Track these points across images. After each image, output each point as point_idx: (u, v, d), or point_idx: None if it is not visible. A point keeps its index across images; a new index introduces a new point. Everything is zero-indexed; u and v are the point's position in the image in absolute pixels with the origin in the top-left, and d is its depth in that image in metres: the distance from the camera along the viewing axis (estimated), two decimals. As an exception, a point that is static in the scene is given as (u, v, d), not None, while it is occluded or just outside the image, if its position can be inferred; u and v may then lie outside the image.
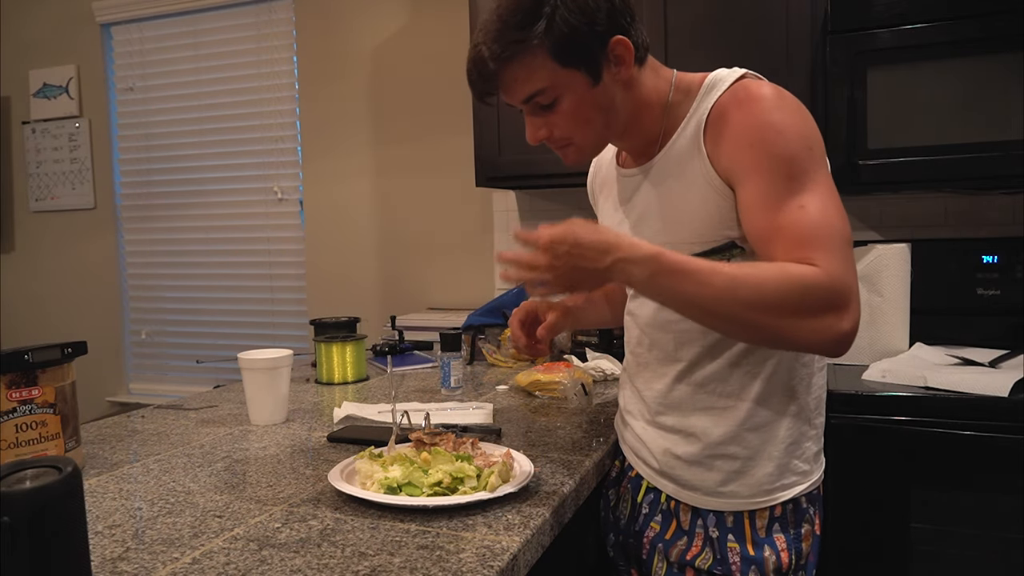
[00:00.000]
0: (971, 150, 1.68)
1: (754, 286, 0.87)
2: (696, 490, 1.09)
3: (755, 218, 0.95)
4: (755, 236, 0.96)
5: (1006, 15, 1.63)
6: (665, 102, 1.06)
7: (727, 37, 1.91)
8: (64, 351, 1.13)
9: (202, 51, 3.02)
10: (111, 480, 1.12)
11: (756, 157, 0.94)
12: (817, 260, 0.88)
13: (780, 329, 0.89)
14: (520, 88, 1.01)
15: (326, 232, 2.88)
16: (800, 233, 0.91)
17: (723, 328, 0.96)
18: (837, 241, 0.91)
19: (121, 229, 3.26)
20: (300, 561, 0.82)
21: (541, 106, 1.02)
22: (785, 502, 1.06)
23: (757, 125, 0.94)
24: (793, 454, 1.06)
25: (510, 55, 0.98)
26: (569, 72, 0.99)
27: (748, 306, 0.88)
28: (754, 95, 0.96)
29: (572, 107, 1.01)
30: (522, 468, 1.05)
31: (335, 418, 1.44)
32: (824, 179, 0.95)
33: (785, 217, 0.92)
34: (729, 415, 1.05)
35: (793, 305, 0.87)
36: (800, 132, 0.95)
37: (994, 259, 1.91)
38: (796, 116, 0.96)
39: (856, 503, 1.58)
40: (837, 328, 0.88)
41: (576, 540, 1.19)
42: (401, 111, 2.72)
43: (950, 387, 1.53)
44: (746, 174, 0.95)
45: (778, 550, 1.06)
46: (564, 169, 2.21)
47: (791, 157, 0.93)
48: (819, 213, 0.92)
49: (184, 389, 3.09)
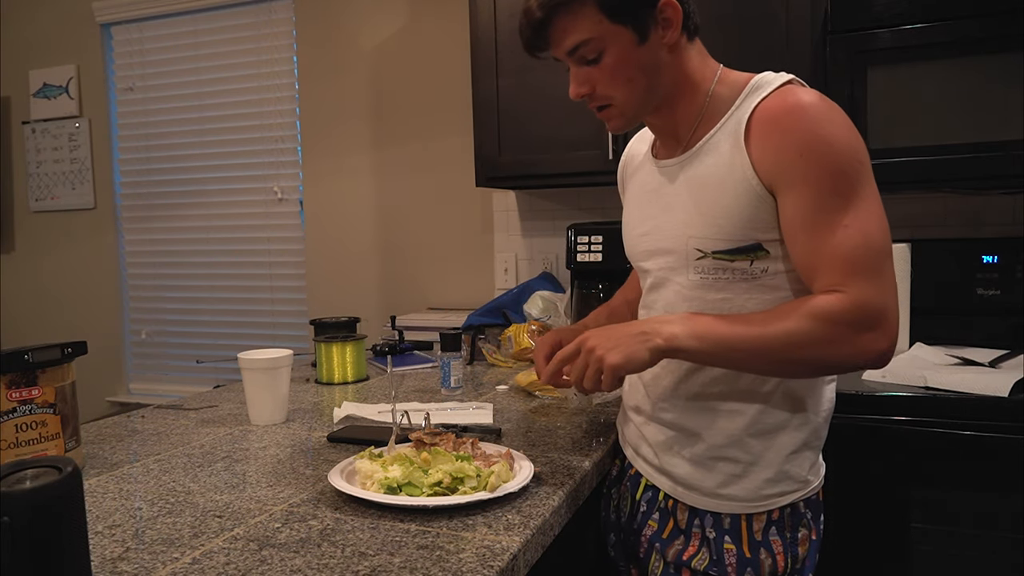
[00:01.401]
0: (971, 150, 1.68)
1: (781, 329, 0.94)
2: (694, 490, 1.09)
3: (798, 234, 0.97)
4: (797, 255, 0.98)
5: (1006, 15, 1.63)
6: (708, 89, 1.06)
7: (727, 37, 1.91)
8: (64, 351, 1.13)
9: (202, 51, 3.02)
10: (111, 480, 1.12)
11: (805, 169, 0.94)
12: (848, 286, 0.93)
13: (816, 362, 0.97)
14: (567, 38, 1.01)
15: (326, 232, 2.88)
16: (838, 258, 0.94)
17: (763, 369, 1.02)
18: (873, 262, 0.94)
19: (121, 229, 3.26)
20: (300, 561, 0.82)
21: (586, 60, 1.02)
22: (783, 507, 1.06)
23: (808, 135, 0.94)
24: (794, 462, 1.06)
25: (561, 3, 0.99)
26: (616, 27, 1.00)
27: (782, 345, 0.94)
28: (804, 103, 0.96)
29: (616, 62, 1.01)
30: (522, 468, 1.05)
31: (335, 418, 1.44)
32: (869, 193, 0.96)
33: (827, 238, 0.94)
34: (735, 418, 1.05)
35: (824, 338, 0.93)
36: (850, 145, 0.95)
37: (994, 259, 1.91)
38: (845, 128, 0.96)
39: (856, 503, 1.58)
40: (873, 347, 0.94)
41: (576, 540, 1.19)
42: (401, 111, 2.72)
43: (950, 387, 1.53)
44: (792, 184, 0.95)
45: (774, 553, 1.06)
46: (564, 169, 2.22)
47: (839, 171, 0.94)
48: (859, 233, 0.94)
49: (184, 389, 3.09)
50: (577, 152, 2.08)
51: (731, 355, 0.97)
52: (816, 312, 0.93)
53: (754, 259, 1.01)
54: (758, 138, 0.98)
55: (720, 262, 1.02)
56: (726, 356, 0.98)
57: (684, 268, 1.06)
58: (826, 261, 0.95)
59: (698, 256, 1.03)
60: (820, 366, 0.99)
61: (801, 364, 0.97)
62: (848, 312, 0.92)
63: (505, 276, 2.57)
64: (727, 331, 0.96)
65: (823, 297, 0.94)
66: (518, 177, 2.20)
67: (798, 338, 0.93)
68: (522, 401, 1.57)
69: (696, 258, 1.04)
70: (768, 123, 0.97)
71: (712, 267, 1.03)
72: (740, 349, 0.96)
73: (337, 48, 2.80)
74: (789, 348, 0.94)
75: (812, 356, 0.95)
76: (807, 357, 0.95)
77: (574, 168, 2.11)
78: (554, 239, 2.50)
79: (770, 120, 0.97)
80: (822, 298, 0.94)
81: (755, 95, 1.00)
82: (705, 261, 1.03)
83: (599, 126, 2.04)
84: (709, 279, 1.04)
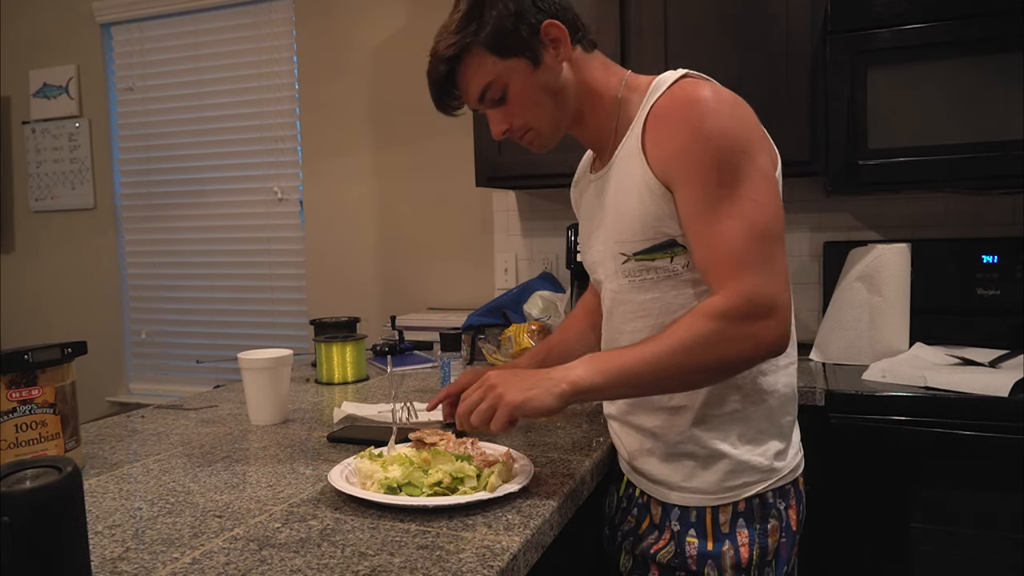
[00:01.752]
0: (971, 150, 1.68)
1: (674, 339, 0.95)
2: (663, 485, 1.11)
3: (690, 229, 0.99)
4: (692, 250, 1.00)
5: (1006, 15, 1.63)
6: (616, 95, 1.09)
7: (727, 37, 1.91)
8: (64, 351, 1.13)
9: (202, 51, 3.02)
10: (111, 480, 1.12)
11: (687, 164, 0.97)
12: (735, 280, 0.94)
13: (716, 363, 0.96)
14: (472, 88, 1.07)
15: (326, 232, 2.88)
16: (724, 252, 0.96)
17: (673, 385, 1.02)
18: (758, 251, 0.95)
19: (121, 229, 3.26)
20: (300, 561, 0.82)
21: (495, 100, 1.08)
22: (749, 497, 1.07)
23: (690, 130, 0.97)
24: (753, 451, 1.06)
25: (455, 58, 1.05)
26: (509, 62, 1.05)
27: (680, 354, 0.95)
28: (690, 97, 0.98)
29: (519, 93, 1.06)
30: (522, 468, 1.05)
31: (335, 418, 1.44)
32: (756, 180, 0.97)
33: (714, 232, 0.96)
34: (682, 415, 1.07)
35: (718, 337, 0.94)
36: (731, 135, 0.97)
37: (994, 259, 1.91)
38: (729, 119, 0.97)
39: (856, 503, 1.58)
40: (768, 336, 0.95)
41: (576, 540, 1.19)
42: (401, 111, 2.72)
43: (950, 387, 1.53)
44: (680, 179, 0.98)
45: (738, 545, 1.06)
46: (564, 169, 2.21)
47: (721, 162, 0.96)
48: (743, 224, 0.95)
49: (184, 389, 3.09)
50: (577, 152, 2.08)
51: (637, 380, 0.97)
52: (705, 314, 0.94)
53: (673, 255, 1.03)
54: (650, 136, 1.01)
55: (642, 263, 1.05)
56: (632, 382, 0.98)
57: (615, 274, 1.10)
58: (715, 255, 0.97)
59: (623, 260, 1.07)
60: (722, 367, 0.98)
61: (704, 370, 0.97)
62: (736, 307, 0.93)
63: (505, 276, 2.57)
64: (626, 358, 0.97)
65: (711, 299, 0.96)
66: (518, 177, 2.20)
67: (693, 343, 0.94)
68: (522, 401, 1.57)
69: (621, 262, 1.07)
70: (656, 122, 1.01)
71: (636, 269, 1.06)
72: (642, 372, 0.96)
73: (337, 48, 2.79)
74: (688, 355, 0.94)
75: (712, 358, 0.95)
76: (707, 361, 0.95)
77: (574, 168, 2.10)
78: (554, 239, 2.50)
79: (657, 119, 1.01)
80: (710, 300, 0.96)
81: (654, 95, 1.03)
82: (629, 264, 1.06)
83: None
84: (636, 281, 1.07)
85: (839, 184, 1.78)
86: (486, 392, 0.98)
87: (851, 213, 2.13)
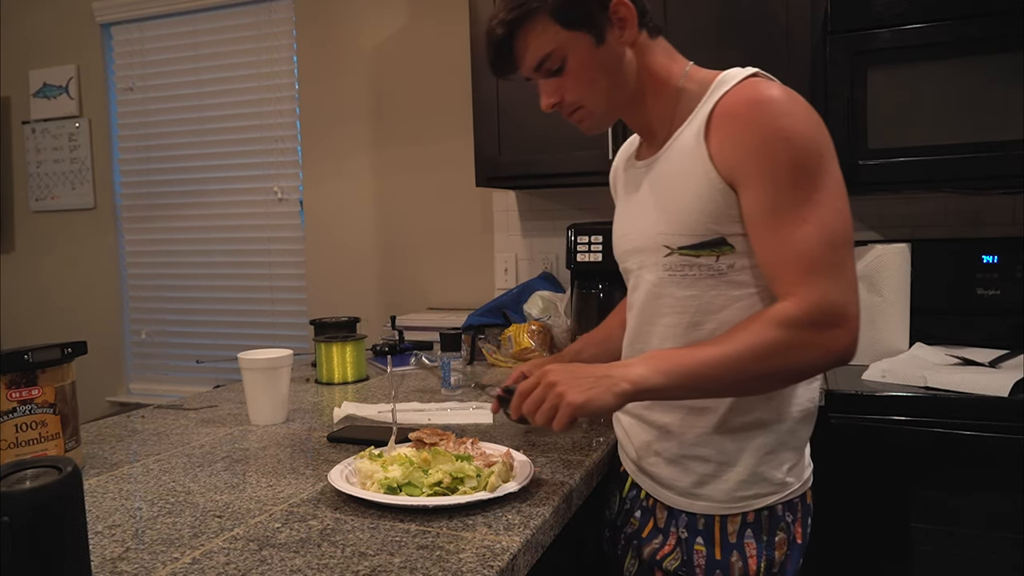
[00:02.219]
0: (971, 150, 1.68)
1: (742, 344, 0.93)
2: (670, 489, 1.09)
3: (758, 230, 0.97)
4: (759, 252, 0.98)
5: (1006, 15, 1.63)
6: (677, 85, 1.06)
7: (727, 37, 1.91)
8: (64, 351, 1.13)
9: (202, 51, 3.02)
10: (111, 480, 1.12)
11: (761, 164, 0.94)
12: (806, 286, 0.92)
13: (783, 370, 0.95)
14: (530, 55, 1.04)
15: (326, 232, 2.88)
16: (797, 257, 0.94)
17: (735, 390, 1.00)
18: (832, 258, 0.93)
19: (121, 229, 3.26)
20: (300, 561, 0.82)
21: (551, 71, 1.05)
22: (759, 509, 1.06)
23: (765, 130, 0.94)
24: (769, 464, 1.05)
25: (516, 22, 1.02)
26: (573, 34, 1.02)
27: (747, 360, 0.93)
28: (764, 96, 0.96)
29: (578, 67, 1.03)
30: (522, 468, 1.05)
31: (335, 418, 1.44)
32: (830, 186, 0.96)
33: (786, 236, 0.94)
34: (705, 416, 1.05)
35: (788, 344, 0.92)
36: (809, 137, 0.95)
37: (994, 259, 1.91)
38: (805, 121, 0.96)
39: (856, 503, 1.58)
40: (837, 346, 0.93)
41: (576, 540, 1.19)
42: (401, 111, 2.72)
43: (950, 387, 1.53)
44: (751, 179, 0.96)
45: (746, 556, 1.05)
46: (564, 169, 2.22)
47: (798, 165, 0.94)
48: (818, 229, 0.93)
49: (184, 389, 3.09)
50: (577, 152, 2.08)
51: (699, 383, 0.95)
52: (776, 320, 0.93)
53: (719, 254, 1.01)
54: (717, 132, 0.99)
55: (686, 258, 1.03)
56: (694, 385, 0.96)
57: (654, 265, 1.07)
58: (786, 260, 0.95)
59: (665, 253, 1.04)
60: (789, 374, 0.97)
61: (770, 376, 0.96)
62: (808, 314, 0.92)
63: (505, 276, 2.57)
64: (690, 359, 0.95)
65: (780, 305, 0.94)
66: (518, 177, 2.20)
67: (761, 350, 0.92)
68: (522, 401, 1.57)
69: (664, 255, 1.05)
70: (727, 117, 0.98)
71: (679, 263, 1.04)
72: (706, 375, 0.94)
73: (337, 48, 2.79)
74: (755, 361, 0.93)
75: (780, 365, 0.94)
76: (775, 367, 0.94)
77: (574, 168, 2.10)
78: (554, 239, 2.50)
79: (729, 114, 0.98)
80: (779, 306, 0.94)
81: (719, 90, 1.01)
82: (672, 258, 1.04)
83: (599, 126, 2.05)
84: (676, 276, 1.04)
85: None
86: (546, 390, 0.96)
87: (851, 213, 2.13)
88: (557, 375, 0.96)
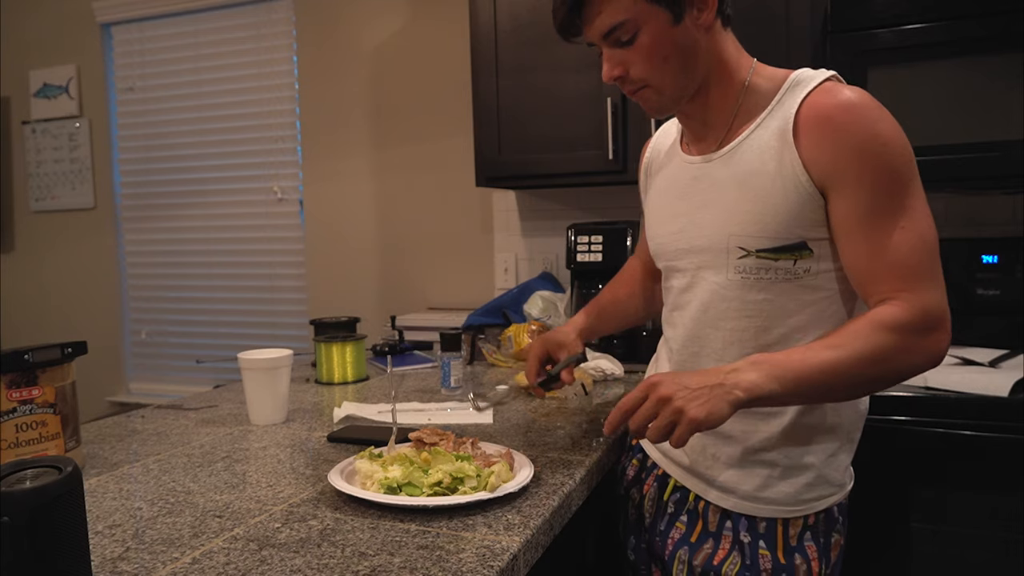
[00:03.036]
0: (971, 150, 1.68)
1: (854, 350, 0.92)
2: (732, 493, 1.06)
3: (853, 235, 0.96)
4: (851, 256, 0.97)
5: (1006, 15, 1.63)
6: (745, 78, 1.04)
7: (727, 37, 1.91)
8: (64, 351, 1.13)
9: (202, 51, 3.02)
10: (111, 480, 1.12)
11: (860, 168, 0.93)
12: (909, 291, 0.94)
13: (892, 374, 0.95)
14: (602, 20, 0.99)
15: (326, 232, 2.88)
16: (897, 262, 0.94)
17: (842, 395, 1.00)
18: (929, 263, 0.95)
19: (121, 229, 3.26)
20: (300, 561, 0.82)
21: (620, 42, 1.00)
22: (819, 512, 1.06)
23: (863, 134, 0.93)
24: (831, 465, 1.05)
25: None
26: (652, 7, 0.98)
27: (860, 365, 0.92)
28: (856, 101, 0.95)
29: (651, 42, 0.99)
30: (522, 468, 1.05)
31: (335, 418, 1.44)
32: (920, 191, 0.96)
33: (884, 241, 0.94)
34: (772, 421, 1.03)
35: (898, 349, 0.93)
36: (902, 143, 0.95)
37: (994, 259, 1.91)
38: (896, 127, 0.95)
39: (856, 503, 1.57)
40: (939, 348, 0.95)
41: (576, 540, 1.19)
42: (401, 111, 2.72)
43: (950, 387, 1.53)
44: (846, 184, 0.94)
45: (809, 559, 1.04)
46: (564, 169, 2.22)
47: (894, 171, 0.94)
48: (915, 235, 0.94)
49: (184, 389, 3.09)
50: (577, 152, 2.08)
51: (811, 389, 0.93)
52: (885, 325, 0.92)
53: (798, 258, 0.99)
54: (809, 136, 0.96)
55: (763, 261, 1.00)
56: (806, 391, 0.94)
57: (723, 267, 1.03)
58: (885, 265, 0.94)
59: (740, 255, 1.01)
60: (894, 378, 0.96)
61: (878, 380, 0.96)
62: (916, 319, 0.92)
63: (505, 276, 2.57)
64: (805, 365, 0.92)
65: (885, 309, 0.93)
66: (518, 177, 2.20)
67: (875, 354, 0.92)
68: (522, 401, 1.57)
69: (738, 256, 1.01)
70: (820, 121, 0.96)
71: (755, 266, 1.01)
72: (819, 381, 0.92)
73: (337, 48, 2.79)
74: (869, 366, 0.92)
75: (888, 369, 0.94)
76: (884, 371, 0.94)
77: (574, 168, 2.10)
78: (554, 239, 2.50)
79: (822, 118, 0.96)
80: (885, 310, 0.93)
81: (798, 90, 0.99)
82: (748, 260, 1.01)
83: (599, 126, 2.04)
84: (751, 279, 1.01)
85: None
86: (659, 406, 0.90)
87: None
88: (669, 387, 0.91)
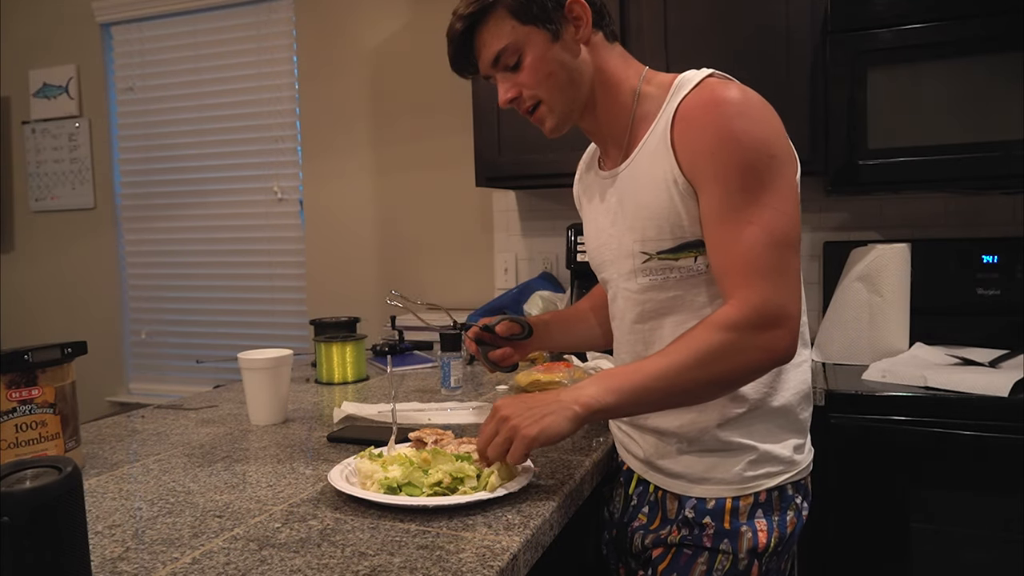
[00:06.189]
0: (971, 150, 1.68)
1: (685, 353, 0.95)
2: (682, 479, 1.10)
3: (709, 231, 0.99)
4: (710, 252, 1.00)
5: (1006, 15, 1.63)
6: (634, 88, 1.08)
7: (727, 38, 1.91)
8: (64, 351, 1.13)
9: (202, 51, 3.02)
10: (111, 480, 1.12)
11: (713, 166, 0.96)
12: (746, 288, 0.95)
13: (727, 374, 0.97)
14: (488, 51, 1.06)
15: (326, 232, 2.88)
16: (740, 258, 0.96)
17: (685, 400, 1.02)
18: (774, 260, 0.95)
19: (121, 229, 3.26)
20: (300, 561, 0.82)
21: (508, 66, 1.07)
22: (770, 489, 1.07)
23: (717, 132, 0.96)
24: (774, 444, 1.07)
25: (475, 16, 1.05)
26: (529, 29, 1.04)
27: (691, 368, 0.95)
28: (718, 98, 0.98)
29: (534, 60, 1.05)
30: (522, 468, 1.05)
31: (335, 418, 1.44)
32: (780, 186, 0.97)
33: (733, 236, 0.96)
34: (705, 413, 1.06)
35: (730, 347, 0.94)
36: (760, 139, 0.96)
37: (994, 259, 1.91)
38: (759, 122, 0.97)
39: (856, 503, 1.58)
40: (777, 346, 0.95)
41: (576, 540, 1.19)
42: (401, 110, 2.72)
43: (950, 387, 1.53)
44: (705, 181, 0.98)
45: (756, 531, 1.06)
46: (564, 169, 2.21)
47: (747, 166, 0.95)
48: (762, 231, 0.95)
49: (184, 389, 3.09)
50: (577, 152, 2.07)
51: (648, 397, 0.97)
52: (717, 324, 0.95)
53: (697, 255, 1.02)
54: (679, 135, 1.00)
55: (665, 262, 1.04)
56: (644, 400, 0.98)
57: (632, 273, 1.08)
58: (731, 262, 0.97)
59: (644, 259, 1.06)
60: (733, 379, 0.98)
61: (715, 383, 0.97)
62: (747, 317, 0.94)
63: (505, 276, 2.57)
64: (637, 375, 0.96)
65: (722, 309, 0.96)
66: (518, 177, 2.20)
67: (704, 356, 0.94)
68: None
69: (643, 261, 1.06)
70: (685, 120, 1.00)
71: (659, 267, 1.05)
72: (654, 388, 0.95)
73: (337, 48, 2.79)
74: (699, 369, 0.94)
75: (722, 370, 0.95)
76: (718, 373, 0.95)
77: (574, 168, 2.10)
78: (554, 239, 2.50)
79: (687, 117, 1.00)
80: (721, 310, 0.96)
81: (679, 92, 1.02)
82: (652, 263, 1.05)
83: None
84: (658, 280, 1.06)
85: (839, 184, 1.78)
86: (499, 425, 0.96)
87: (851, 213, 2.13)
88: (509, 409, 0.97)
